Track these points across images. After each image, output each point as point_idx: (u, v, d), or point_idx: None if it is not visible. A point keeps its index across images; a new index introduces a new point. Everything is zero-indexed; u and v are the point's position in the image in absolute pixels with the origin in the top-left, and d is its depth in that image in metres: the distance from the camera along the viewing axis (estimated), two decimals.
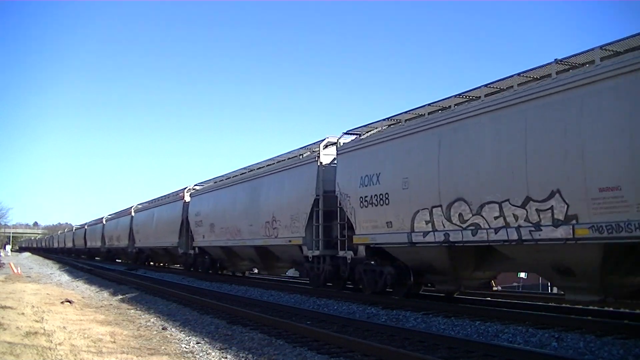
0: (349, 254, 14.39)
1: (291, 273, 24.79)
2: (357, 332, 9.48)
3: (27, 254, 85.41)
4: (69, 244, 67.91)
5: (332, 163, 15.53)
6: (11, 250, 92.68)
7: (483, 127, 10.43)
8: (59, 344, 8.46)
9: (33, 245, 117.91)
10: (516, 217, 9.67)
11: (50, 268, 40.17)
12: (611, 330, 8.52)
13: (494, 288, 14.91)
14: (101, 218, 49.11)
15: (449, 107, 11.97)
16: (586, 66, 9.47)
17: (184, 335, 10.10)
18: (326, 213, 15.46)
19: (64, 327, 10.36)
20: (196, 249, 25.39)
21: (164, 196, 32.91)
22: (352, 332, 9.47)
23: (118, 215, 44.02)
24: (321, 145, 16.01)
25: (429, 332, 9.30)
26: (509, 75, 10.63)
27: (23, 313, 12.12)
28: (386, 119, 13.70)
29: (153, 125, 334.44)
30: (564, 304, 11.55)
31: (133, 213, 37.49)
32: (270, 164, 19.70)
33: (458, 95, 11.71)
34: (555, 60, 9.83)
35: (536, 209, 9.30)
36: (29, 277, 27.79)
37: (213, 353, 8.36)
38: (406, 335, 8.99)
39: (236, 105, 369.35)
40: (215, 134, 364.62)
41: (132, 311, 13.96)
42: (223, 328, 10.53)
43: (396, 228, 12.42)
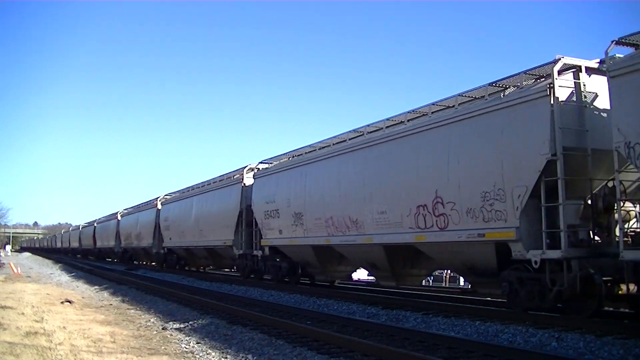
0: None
1: None
2: (357, 332, 9.48)
3: (27, 254, 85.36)
4: (75, 244, 62.92)
5: (572, 100, 9.99)
6: (11, 250, 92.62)
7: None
8: (59, 344, 8.46)
9: (35, 245, 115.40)
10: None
11: (50, 268, 40.19)
12: (611, 330, 8.50)
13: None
14: (115, 213, 43.33)
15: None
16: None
17: (184, 335, 10.10)
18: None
19: (64, 327, 10.36)
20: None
21: (210, 181, 25.61)
22: (352, 332, 9.47)
23: (138, 208, 37.73)
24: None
25: (429, 332, 9.30)
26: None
27: (23, 313, 12.12)
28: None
29: (153, 125, 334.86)
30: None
31: (160, 206, 31.70)
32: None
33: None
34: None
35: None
36: (29, 277, 27.79)
37: (213, 353, 8.36)
38: (406, 335, 8.99)
39: (236, 105, 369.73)
40: (215, 134, 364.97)
41: (132, 311, 13.96)
42: (223, 328, 10.52)
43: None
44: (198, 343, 9.23)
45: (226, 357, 8.12)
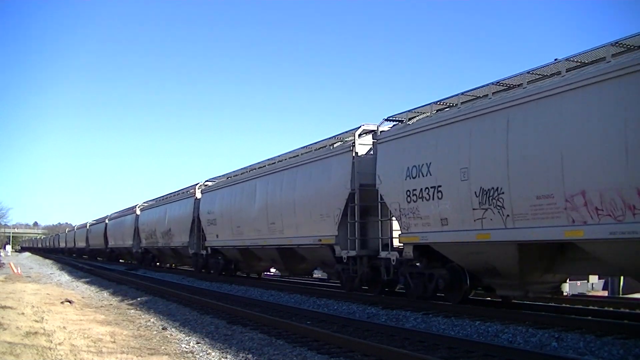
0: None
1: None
2: (357, 332, 9.48)
3: (27, 254, 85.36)
4: (81, 243, 56.43)
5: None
6: (12, 250, 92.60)
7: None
8: (59, 344, 8.46)
9: (37, 245, 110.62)
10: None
11: (50, 268, 40.21)
12: (611, 330, 8.51)
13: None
14: (132, 207, 37.78)
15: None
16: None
17: (184, 335, 10.10)
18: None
19: (64, 327, 10.36)
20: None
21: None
22: (352, 332, 9.47)
23: (165, 199, 31.11)
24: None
25: (429, 332, 9.30)
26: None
27: (23, 313, 12.12)
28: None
29: (153, 125, 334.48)
30: (564, 304, 11.55)
31: (199, 194, 25.40)
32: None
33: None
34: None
35: None
36: (29, 277, 27.81)
37: (213, 353, 8.36)
38: (406, 335, 8.99)
39: (237, 104, 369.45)
40: (216, 134, 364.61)
41: (132, 311, 13.96)
42: (223, 328, 10.53)
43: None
44: (198, 343, 9.24)
45: (226, 357, 8.12)
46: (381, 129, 13.68)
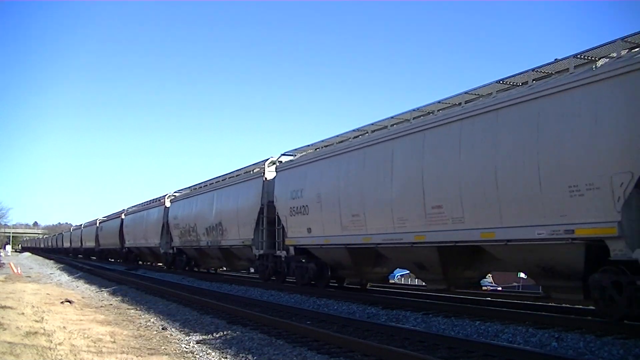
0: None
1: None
2: (357, 332, 9.48)
3: (27, 254, 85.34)
4: (89, 243, 50.49)
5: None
6: (12, 250, 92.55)
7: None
8: (59, 344, 8.47)
9: (40, 245, 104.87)
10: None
11: (50, 268, 40.21)
12: (611, 330, 8.50)
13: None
14: (159, 198, 31.42)
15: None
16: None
17: (184, 335, 10.10)
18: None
19: (64, 327, 10.37)
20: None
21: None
22: (352, 332, 9.47)
23: (211, 185, 24.81)
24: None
25: (429, 332, 9.30)
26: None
27: (23, 313, 12.12)
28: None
29: (153, 125, 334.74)
30: (564, 304, 11.54)
31: (268, 175, 19.25)
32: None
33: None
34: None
35: None
36: (29, 277, 27.82)
37: (213, 353, 8.36)
38: (406, 335, 8.98)
39: (237, 105, 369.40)
40: (215, 134, 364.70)
41: (132, 311, 13.96)
42: (223, 328, 10.52)
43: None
44: (198, 343, 9.24)
45: (226, 357, 8.12)
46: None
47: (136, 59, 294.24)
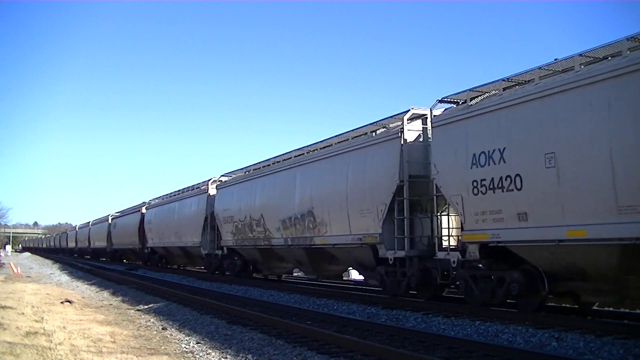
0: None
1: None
2: (357, 332, 9.47)
3: (27, 254, 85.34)
4: (100, 242, 45.02)
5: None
6: (12, 250, 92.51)
7: None
8: (59, 344, 8.47)
9: (42, 245, 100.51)
10: None
11: (50, 268, 40.21)
12: (611, 330, 8.51)
13: None
14: (198, 184, 26.10)
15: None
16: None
17: (184, 335, 10.11)
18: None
19: (64, 327, 10.37)
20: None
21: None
22: (352, 332, 9.46)
23: (270, 167, 19.40)
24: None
25: (429, 332, 9.31)
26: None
27: (23, 313, 12.13)
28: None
29: (154, 124, 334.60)
30: (564, 304, 11.55)
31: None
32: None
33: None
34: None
35: None
36: (29, 277, 27.81)
37: (213, 353, 8.36)
38: (406, 335, 8.99)
39: (238, 104, 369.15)
40: (217, 133, 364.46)
41: (132, 311, 13.96)
42: (223, 328, 10.53)
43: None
44: (198, 343, 9.24)
45: (226, 357, 8.12)
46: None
47: (137, 58, 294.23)
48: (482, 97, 11.23)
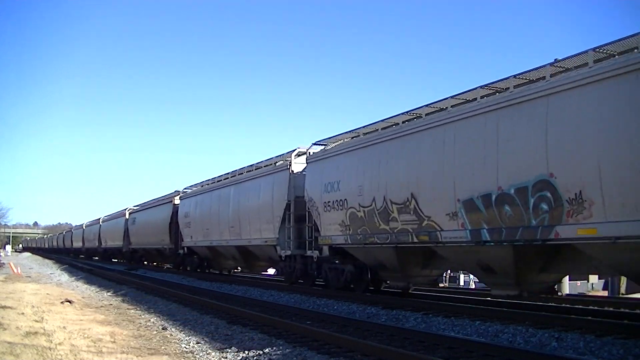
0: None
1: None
2: (357, 332, 9.49)
3: (27, 254, 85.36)
4: (116, 242, 38.47)
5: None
6: (12, 250, 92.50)
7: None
8: (59, 344, 8.47)
9: (44, 244, 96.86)
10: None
11: (50, 268, 40.22)
12: (611, 330, 8.53)
13: None
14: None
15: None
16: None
17: (184, 335, 10.11)
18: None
19: (64, 327, 10.37)
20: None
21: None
22: (352, 332, 9.48)
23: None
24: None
25: (429, 332, 9.31)
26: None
27: (23, 313, 12.13)
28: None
29: (154, 123, 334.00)
30: (564, 304, 11.57)
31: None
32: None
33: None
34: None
35: None
36: (29, 277, 27.82)
37: (213, 353, 8.37)
38: (406, 335, 9.00)
39: (239, 102, 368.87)
40: (218, 132, 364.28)
41: (132, 311, 13.97)
42: (223, 328, 10.54)
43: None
44: (198, 343, 9.24)
45: (226, 357, 8.12)
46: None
47: (136, 55, 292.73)
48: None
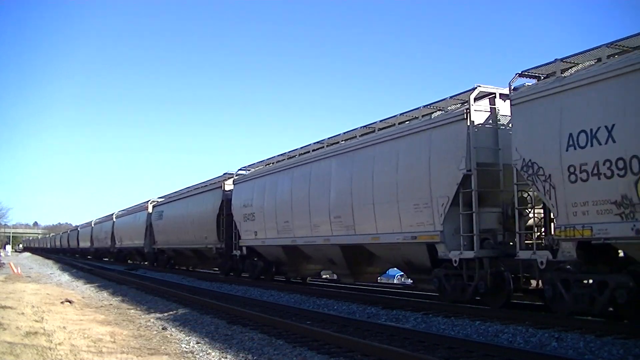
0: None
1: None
2: (357, 332, 9.48)
3: (27, 254, 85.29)
4: (132, 241, 35.47)
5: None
6: (12, 250, 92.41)
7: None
8: (59, 344, 8.47)
9: (46, 244, 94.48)
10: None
11: (50, 268, 40.20)
12: (611, 330, 8.51)
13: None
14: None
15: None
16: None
17: (184, 335, 10.10)
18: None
19: (64, 327, 10.37)
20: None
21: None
22: (352, 332, 9.47)
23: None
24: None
25: (429, 332, 9.31)
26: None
27: (23, 313, 12.13)
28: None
29: (154, 123, 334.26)
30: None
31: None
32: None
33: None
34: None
35: None
36: (29, 277, 27.81)
37: (213, 353, 8.36)
38: (406, 335, 8.99)
39: (239, 102, 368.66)
40: (218, 132, 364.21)
41: (132, 311, 13.96)
42: (223, 328, 10.54)
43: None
44: (198, 343, 9.24)
45: (226, 357, 8.12)
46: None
47: (137, 55, 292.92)
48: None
